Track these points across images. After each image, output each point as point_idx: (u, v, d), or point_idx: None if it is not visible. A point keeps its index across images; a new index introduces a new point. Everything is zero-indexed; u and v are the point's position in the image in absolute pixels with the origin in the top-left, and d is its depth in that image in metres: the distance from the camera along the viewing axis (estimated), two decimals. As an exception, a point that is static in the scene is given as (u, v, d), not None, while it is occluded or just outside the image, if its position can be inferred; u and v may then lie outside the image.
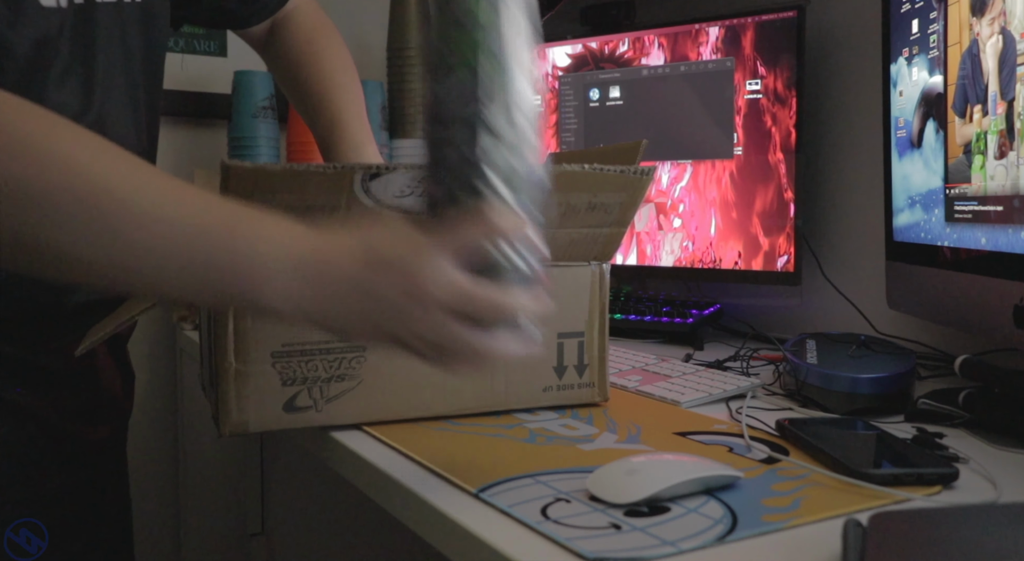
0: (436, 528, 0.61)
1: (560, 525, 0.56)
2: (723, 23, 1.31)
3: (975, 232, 0.87)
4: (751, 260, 1.29)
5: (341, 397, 0.78)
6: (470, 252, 0.56)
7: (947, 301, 0.94)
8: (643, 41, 1.40)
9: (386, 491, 0.69)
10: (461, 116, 0.56)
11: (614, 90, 1.43)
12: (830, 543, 0.53)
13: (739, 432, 0.78)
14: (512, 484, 0.64)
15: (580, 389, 0.87)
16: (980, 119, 0.86)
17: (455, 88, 0.56)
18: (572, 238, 0.84)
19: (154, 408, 1.76)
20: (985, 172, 0.85)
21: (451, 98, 0.56)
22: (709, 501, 0.61)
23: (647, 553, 0.52)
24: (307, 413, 0.77)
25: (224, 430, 0.75)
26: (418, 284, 0.55)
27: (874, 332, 1.15)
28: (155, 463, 1.77)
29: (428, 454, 0.71)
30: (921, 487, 0.63)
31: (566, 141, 1.50)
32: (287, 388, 0.76)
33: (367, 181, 0.71)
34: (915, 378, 0.91)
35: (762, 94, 1.27)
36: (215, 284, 0.56)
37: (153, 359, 1.77)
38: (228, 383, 0.74)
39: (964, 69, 0.89)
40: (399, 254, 0.56)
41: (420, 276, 0.55)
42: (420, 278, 0.55)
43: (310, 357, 0.77)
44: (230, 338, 0.74)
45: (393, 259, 0.56)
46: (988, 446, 0.75)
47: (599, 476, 0.63)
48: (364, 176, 0.70)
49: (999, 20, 0.83)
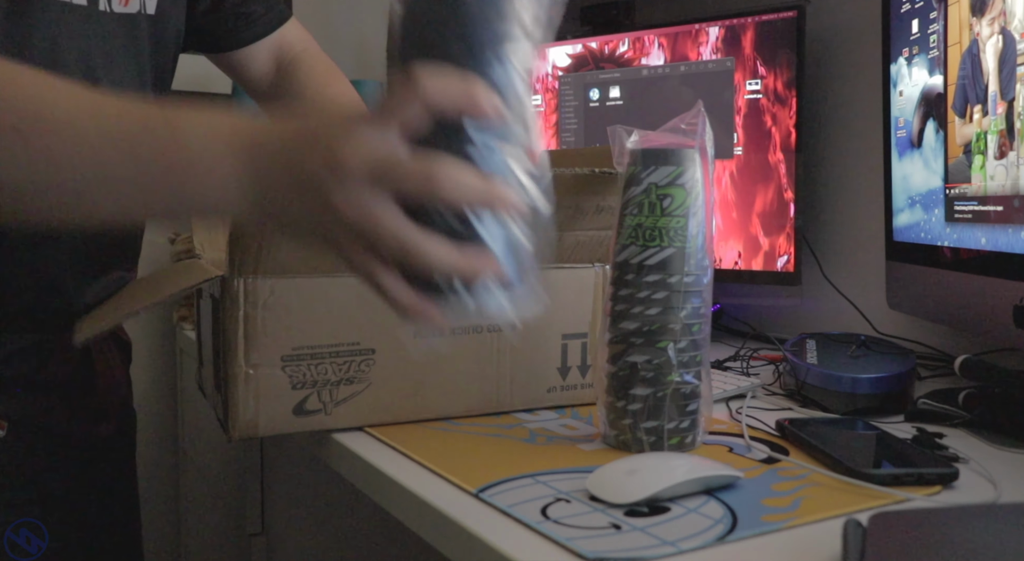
0: (436, 528, 0.61)
1: (560, 525, 0.56)
2: (723, 23, 1.31)
3: (975, 232, 0.87)
4: (751, 260, 1.29)
5: (350, 400, 0.78)
6: (402, 117, 0.48)
7: (947, 301, 0.94)
8: (643, 41, 1.40)
9: (386, 491, 0.69)
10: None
11: (614, 90, 1.44)
12: (830, 543, 0.53)
13: (739, 432, 0.78)
14: (512, 484, 0.64)
15: (583, 389, 0.88)
16: (980, 119, 0.86)
17: None
18: (578, 240, 0.84)
19: (154, 408, 1.76)
20: (985, 172, 0.85)
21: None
22: (709, 501, 0.61)
23: (647, 553, 0.52)
24: (316, 416, 0.77)
25: (234, 434, 0.75)
26: (337, 152, 0.48)
27: (874, 332, 1.15)
28: (155, 463, 1.77)
29: (428, 454, 0.71)
30: (921, 487, 0.63)
31: (566, 141, 1.50)
32: (297, 391, 0.76)
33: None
34: (915, 378, 0.91)
35: (762, 94, 1.27)
36: (155, 187, 0.53)
37: (153, 359, 1.77)
38: (238, 387, 0.74)
39: (964, 69, 0.89)
40: (325, 124, 0.51)
41: (341, 144, 0.48)
42: (340, 145, 0.48)
43: (320, 360, 0.77)
44: (240, 341, 0.74)
45: (318, 130, 0.50)
46: (988, 446, 0.75)
47: (599, 476, 0.63)
48: None
49: (999, 20, 0.83)
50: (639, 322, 0.71)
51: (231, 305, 0.73)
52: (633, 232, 0.72)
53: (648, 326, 0.71)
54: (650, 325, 0.71)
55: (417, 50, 0.51)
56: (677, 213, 0.71)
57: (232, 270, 0.73)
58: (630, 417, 0.72)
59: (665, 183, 0.71)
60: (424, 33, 0.51)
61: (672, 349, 0.70)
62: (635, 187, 0.73)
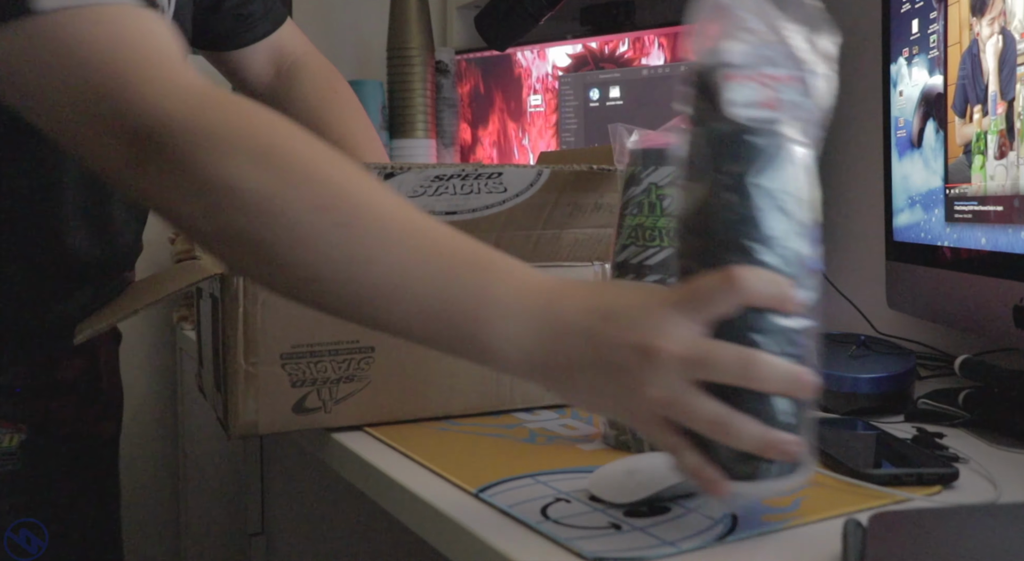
0: (436, 528, 0.61)
1: (560, 525, 0.56)
2: (723, 23, 1.31)
3: (975, 232, 0.87)
4: (751, 260, 1.29)
5: (349, 398, 0.78)
6: (716, 310, 0.50)
7: (947, 301, 0.94)
8: (643, 41, 1.40)
9: (386, 491, 0.69)
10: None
11: (614, 90, 1.43)
12: (830, 543, 0.53)
13: (739, 432, 0.78)
14: (512, 484, 0.64)
15: None
16: (980, 119, 0.86)
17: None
18: (577, 238, 0.84)
19: (154, 408, 1.76)
20: (985, 172, 0.85)
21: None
22: (709, 501, 0.61)
23: (647, 553, 0.52)
24: (316, 414, 0.77)
25: (233, 432, 0.75)
26: (649, 337, 0.49)
27: (874, 332, 1.14)
28: (155, 463, 1.77)
29: (428, 454, 0.71)
30: (921, 487, 0.63)
31: (566, 141, 1.50)
32: (296, 389, 0.76)
33: (381, 180, 0.72)
34: (915, 378, 0.90)
35: (762, 94, 1.27)
36: (446, 319, 0.53)
37: (153, 359, 1.77)
38: (238, 385, 0.74)
39: (964, 69, 0.89)
40: (632, 304, 0.51)
41: (653, 329, 0.49)
42: (652, 331, 0.49)
43: (319, 358, 0.77)
44: (240, 339, 0.74)
45: (625, 309, 0.51)
46: (988, 446, 0.75)
47: (599, 476, 0.63)
48: (379, 175, 0.72)
49: (999, 20, 0.83)
50: None
51: (231, 303, 0.73)
52: (633, 232, 0.72)
53: None
54: None
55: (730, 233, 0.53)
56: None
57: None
58: None
59: (665, 183, 0.71)
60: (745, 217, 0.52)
61: None
62: (635, 187, 0.73)
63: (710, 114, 0.53)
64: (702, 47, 0.54)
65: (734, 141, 0.53)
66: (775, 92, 0.53)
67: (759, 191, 0.52)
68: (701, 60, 0.54)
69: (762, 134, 0.53)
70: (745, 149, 0.52)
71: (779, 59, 0.54)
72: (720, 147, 0.53)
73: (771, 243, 0.52)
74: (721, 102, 0.52)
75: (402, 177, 0.72)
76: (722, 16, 0.54)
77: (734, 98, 0.52)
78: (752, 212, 0.52)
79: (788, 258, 0.52)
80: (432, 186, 0.74)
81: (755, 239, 0.51)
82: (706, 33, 0.54)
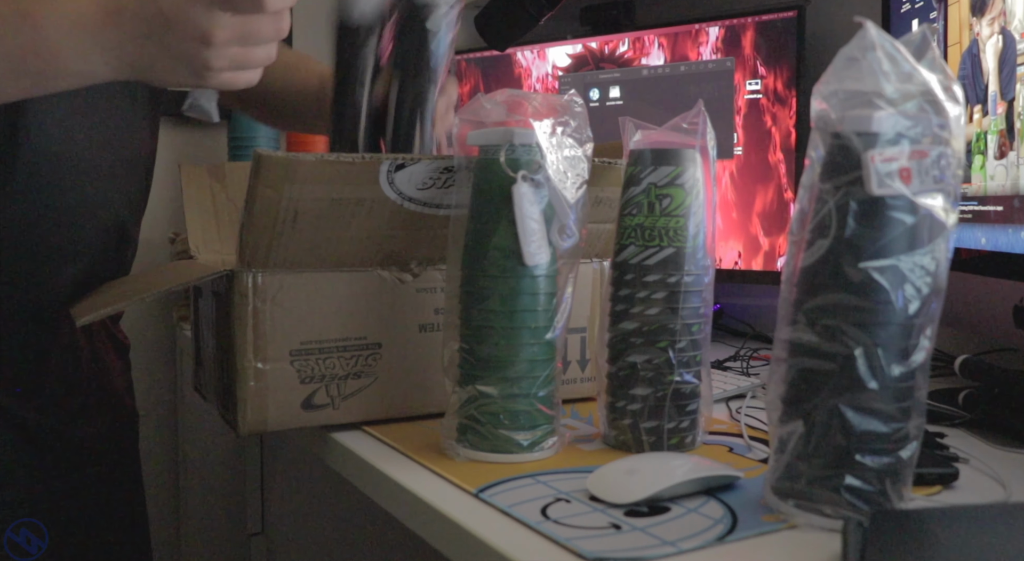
0: (436, 528, 0.61)
1: (560, 525, 0.56)
2: (723, 23, 1.31)
3: (975, 232, 0.87)
4: (751, 260, 1.29)
5: (357, 394, 0.78)
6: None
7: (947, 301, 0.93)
8: (643, 41, 1.40)
9: (386, 491, 0.69)
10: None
11: (614, 90, 1.44)
12: (830, 543, 0.53)
13: (739, 432, 0.78)
14: (512, 484, 0.64)
15: (583, 383, 0.88)
16: (980, 119, 0.86)
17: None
18: None
19: (154, 408, 1.76)
20: (985, 172, 0.85)
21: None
22: (709, 501, 0.61)
23: (647, 553, 0.52)
24: (324, 411, 0.77)
25: (242, 430, 0.75)
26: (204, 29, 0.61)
27: (874, 332, 1.14)
28: (155, 463, 1.77)
29: (428, 454, 0.71)
30: (921, 487, 0.63)
31: (566, 141, 1.50)
32: (305, 386, 0.76)
33: (392, 172, 0.72)
34: (915, 378, 0.90)
35: (762, 94, 1.27)
36: (20, 69, 0.64)
37: (153, 359, 1.77)
38: (247, 382, 0.74)
39: (964, 69, 0.89)
40: (180, 7, 0.62)
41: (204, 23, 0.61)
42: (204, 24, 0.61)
43: (327, 354, 0.77)
44: (249, 336, 0.74)
45: (175, 13, 0.62)
46: (988, 446, 0.75)
47: (599, 476, 0.63)
48: (390, 166, 0.72)
49: (999, 20, 0.83)
50: (639, 322, 0.71)
51: (240, 300, 0.74)
52: (633, 232, 0.72)
53: (648, 326, 0.71)
54: (650, 325, 0.71)
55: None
56: (676, 213, 0.71)
57: (242, 264, 0.73)
58: (630, 417, 0.72)
59: (664, 183, 0.71)
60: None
61: (672, 349, 0.70)
62: (635, 187, 0.73)
63: (849, 181, 0.54)
64: (842, 110, 0.54)
65: (874, 212, 0.54)
66: (918, 167, 0.54)
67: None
68: (845, 127, 0.54)
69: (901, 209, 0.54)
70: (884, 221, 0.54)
71: (924, 130, 0.54)
72: (856, 216, 0.54)
73: None
74: (865, 178, 0.53)
75: (412, 168, 0.72)
76: (861, 69, 0.54)
77: (880, 174, 0.53)
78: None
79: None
80: (441, 178, 0.74)
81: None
82: (843, 86, 0.54)
